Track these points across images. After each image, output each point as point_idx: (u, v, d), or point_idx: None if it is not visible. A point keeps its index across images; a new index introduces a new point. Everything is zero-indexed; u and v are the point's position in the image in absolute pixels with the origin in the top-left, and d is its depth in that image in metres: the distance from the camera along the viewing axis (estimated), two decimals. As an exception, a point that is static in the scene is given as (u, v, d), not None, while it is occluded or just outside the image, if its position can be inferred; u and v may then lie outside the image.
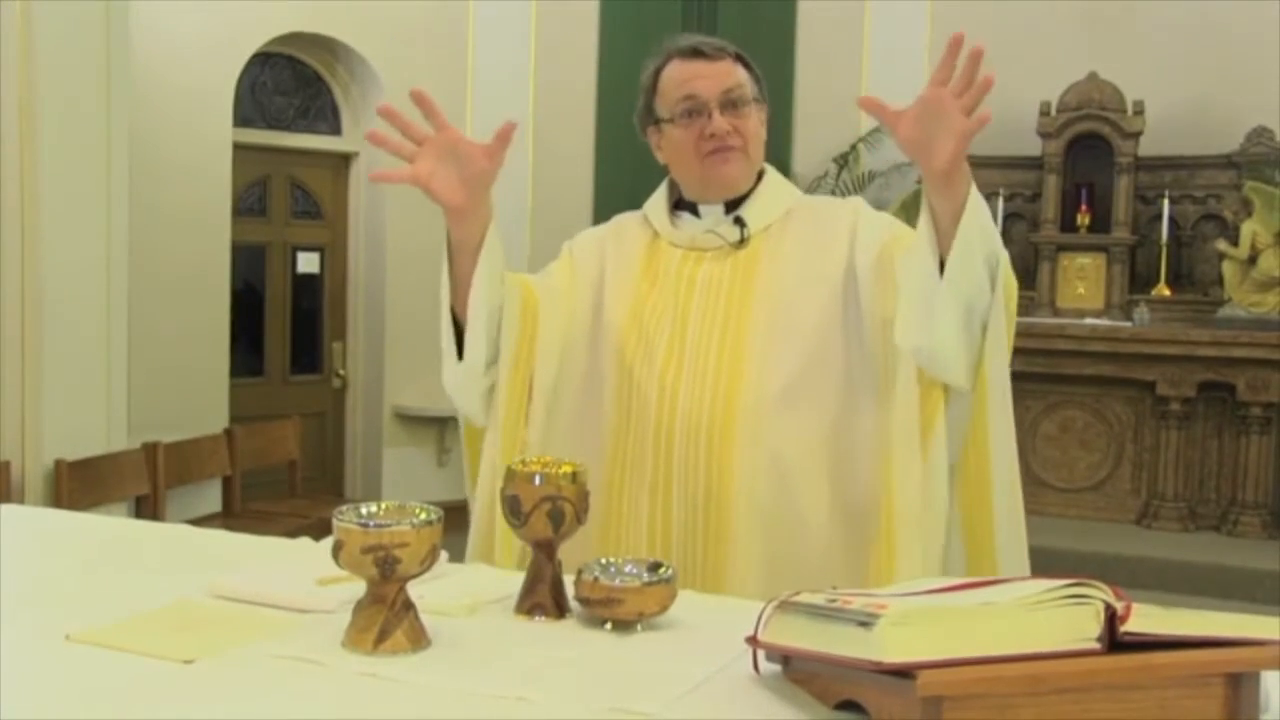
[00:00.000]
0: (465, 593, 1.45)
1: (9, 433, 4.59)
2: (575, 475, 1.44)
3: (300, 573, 1.48)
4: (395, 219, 6.88)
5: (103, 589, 1.50)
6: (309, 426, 6.69)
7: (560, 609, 1.41)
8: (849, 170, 7.09)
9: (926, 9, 7.02)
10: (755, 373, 1.83)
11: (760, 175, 1.98)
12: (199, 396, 6.18)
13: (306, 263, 7.04)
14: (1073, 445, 6.53)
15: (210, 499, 5.91)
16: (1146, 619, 1.02)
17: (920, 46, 6.92)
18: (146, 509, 5.29)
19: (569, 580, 1.42)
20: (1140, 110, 6.52)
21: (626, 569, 1.40)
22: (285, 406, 6.66)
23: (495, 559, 1.81)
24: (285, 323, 6.96)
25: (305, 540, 1.77)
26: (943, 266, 1.65)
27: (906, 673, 0.96)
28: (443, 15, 6.95)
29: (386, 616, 1.24)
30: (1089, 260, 6.71)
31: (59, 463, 4.70)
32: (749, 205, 1.94)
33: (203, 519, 5.42)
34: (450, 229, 1.79)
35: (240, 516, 5.64)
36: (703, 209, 1.97)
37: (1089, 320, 6.50)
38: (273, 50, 6.64)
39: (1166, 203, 6.56)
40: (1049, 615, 1.01)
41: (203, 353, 6.25)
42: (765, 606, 1.20)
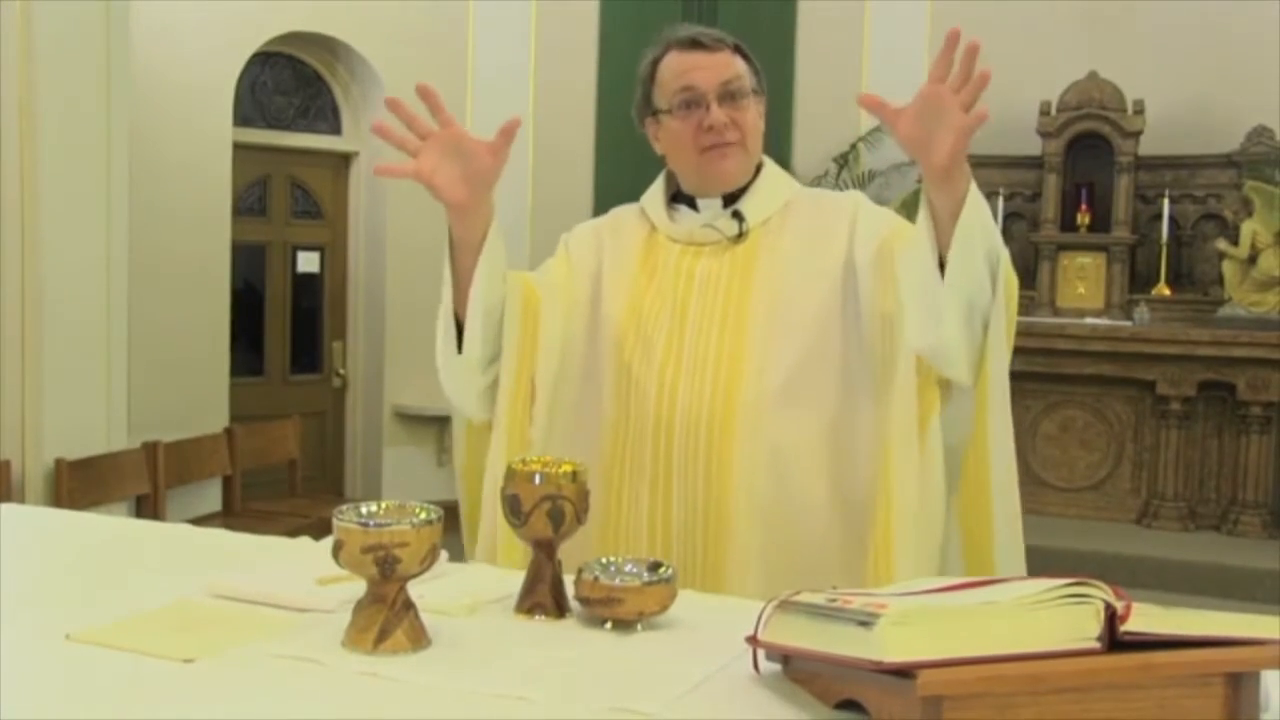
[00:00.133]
0: (465, 592, 1.45)
1: (9, 432, 4.59)
2: (575, 474, 1.44)
3: (300, 572, 1.48)
4: (395, 218, 6.88)
5: (103, 588, 1.50)
6: (309, 426, 6.70)
7: (560, 608, 1.41)
8: (849, 169, 7.09)
9: (926, 9, 7.02)
10: (754, 368, 1.83)
11: (759, 168, 1.96)
12: (199, 396, 6.18)
13: (306, 262, 7.05)
14: (1073, 445, 6.53)
15: (210, 498, 5.91)
16: (1146, 618, 1.02)
17: (920, 46, 6.92)
18: (147, 508, 5.29)
19: (569, 580, 1.41)
20: (1140, 110, 6.52)
21: (627, 568, 1.40)
22: (285, 406, 6.66)
23: (499, 560, 1.80)
24: (285, 322, 6.97)
25: (305, 540, 1.77)
26: (943, 264, 1.64)
27: (907, 672, 0.96)
28: (443, 15, 6.95)
29: (386, 616, 1.24)
30: (1089, 260, 6.72)
31: (59, 462, 4.70)
32: (747, 199, 1.93)
33: (203, 518, 5.43)
34: (452, 226, 1.78)
35: (240, 516, 5.64)
36: (700, 202, 1.95)
37: (1089, 320, 6.50)
38: (273, 50, 6.64)
39: (1167, 202, 6.56)
40: (1049, 615, 1.01)
41: (203, 352, 6.25)
42: (765, 606, 1.20)
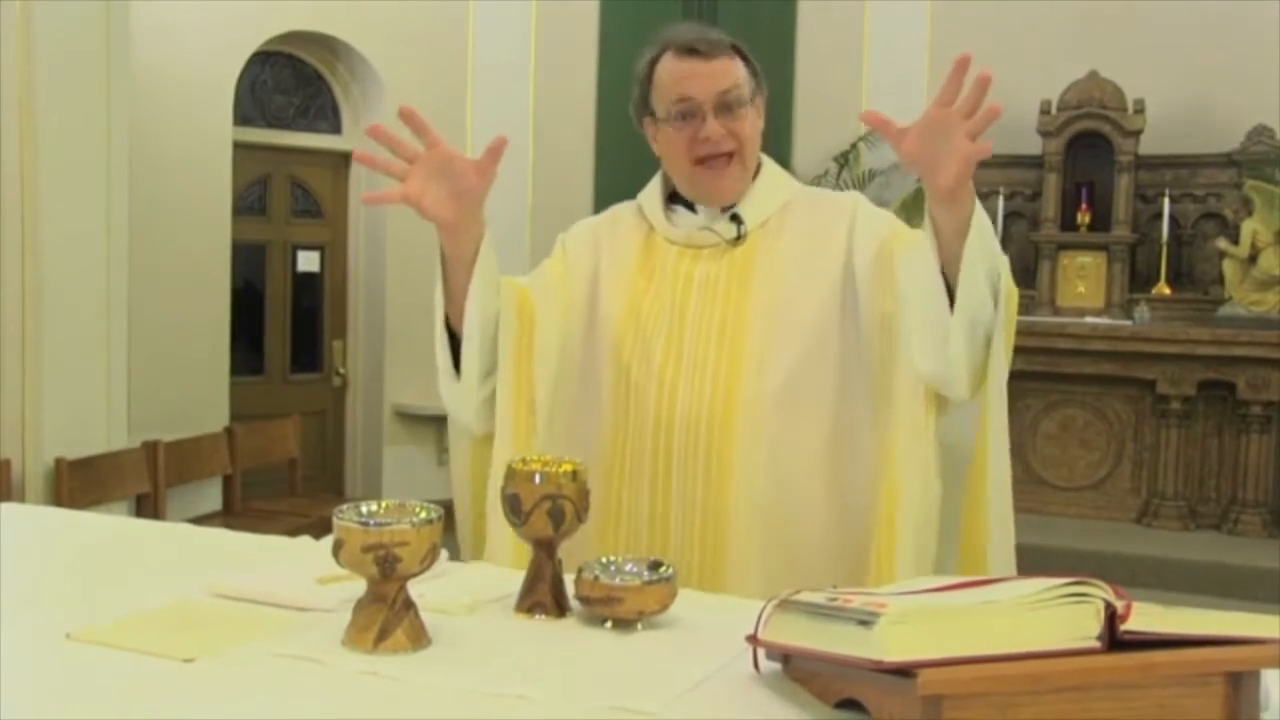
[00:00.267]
0: (465, 591, 1.45)
1: (9, 431, 4.58)
2: (575, 473, 1.44)
3: (300, 571, 1.48)
4: (395, 218, 6.88)
5: (103, 588, 1.50)
6: (309, 425, 6.70)
7: (560, 608, 1.41)
8: (849, 169, 7.08)
9: (926, 9, 7.01)
10: (754, 370, 1.83)
11: (758, 167, 1.95)
12: (199, 395, 6.18)
13: (306, 261, 7.05)
14: (1073, 444, 6.53)
15: (210, 497, 5.91)
16: (1147, 618, 1.02)
17: (920, 46, 6.91)
18: (147, 507, 5.29)
19: (569, 579, 1.42)
20: (1141, 109, 6.52)
21: (627, 568, 1.40)
22: (285, 405, 6.66)
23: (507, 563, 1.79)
24: (285, 321, 6.97)
25: (306, 539, 1.77)
26: (944, 280, 1.64)
27: (907, 671, 0.96)
28: (443, 15, 6.94)
29: (387, 615, 1.24)
30: (1089, 259, 6.72)
31: (59, 461, 4.69)
32: (745, 202, 1.93)
33: (203, 518, 5.43)
34: (443, 243, 1.77)
35: (240, 515, 5.64)
36: (699, 205, 1.95)
37: (1089, 319, 6.50)
38: (273, 49, 6.64)
39: (1167, 201, 6.56)
40: (1049, 614, 1.01)
41: (203, 351, 6.25)
42: (765, 605, 1.20)
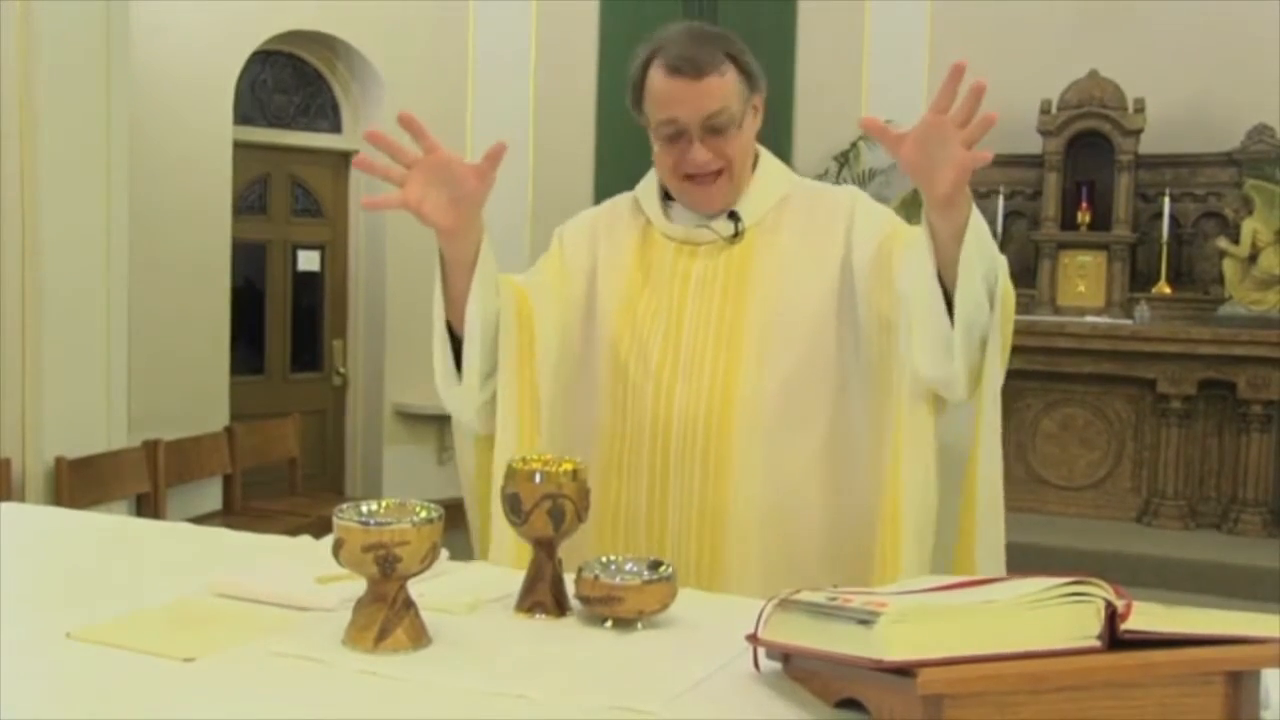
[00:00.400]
0: (466, 591, 1.45)
1: (9, 430, 4.59)
2: (576, 473, 1.43)
3: (301, 571, 1.48)
4: (396, 218, 6.86)
5: (103, 587, 1.50)
6: (309, 424, 6.70)
7: (561, 607, 1.41)
8: (849, 168, 7.08)
9: (926, 9, 7.01)
10: (751, 369, 1.83)
11: (755, 159, 1.94)
12: (199, 394, 6.18)
13: (307, 261, 7.05)
14: (1073, 443, 6.53)
15: (211, 497, 5.91)
16: (1147, 617, 1.02)
17: (920, 46, 6.91)
18: (147, 507, 5.29)
19: (569, 578, 1.42)
20: (1141, 108, 6.52)
21: (627, 567, 1.40)
22: (286, 404, 6.66)
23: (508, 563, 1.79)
24: (286, 321, 6.97)
25: (306, 538, 1.77)
26: (941, 283, 1.64)
27: (907, 671, 0.96)
28: (443, 14, 6.94)
29: (387, 614, 1.24)
30: (1089, 258, 6.72)
31: (59, 460, 4.70)
32: (743, 200, 1.92)
33: (203, 517, 5.43)
34: (442, 247, 1.77)
35: (241, 514, 5.64)
36: None
37: (1089, 318, 6.50)
38: (273, 48, 6.64)
39: (1167, 200, 6.56)
40: (1049, 613, 1.01)
41: (203, 350, 6.25)
42: (765, 604, 1.20)
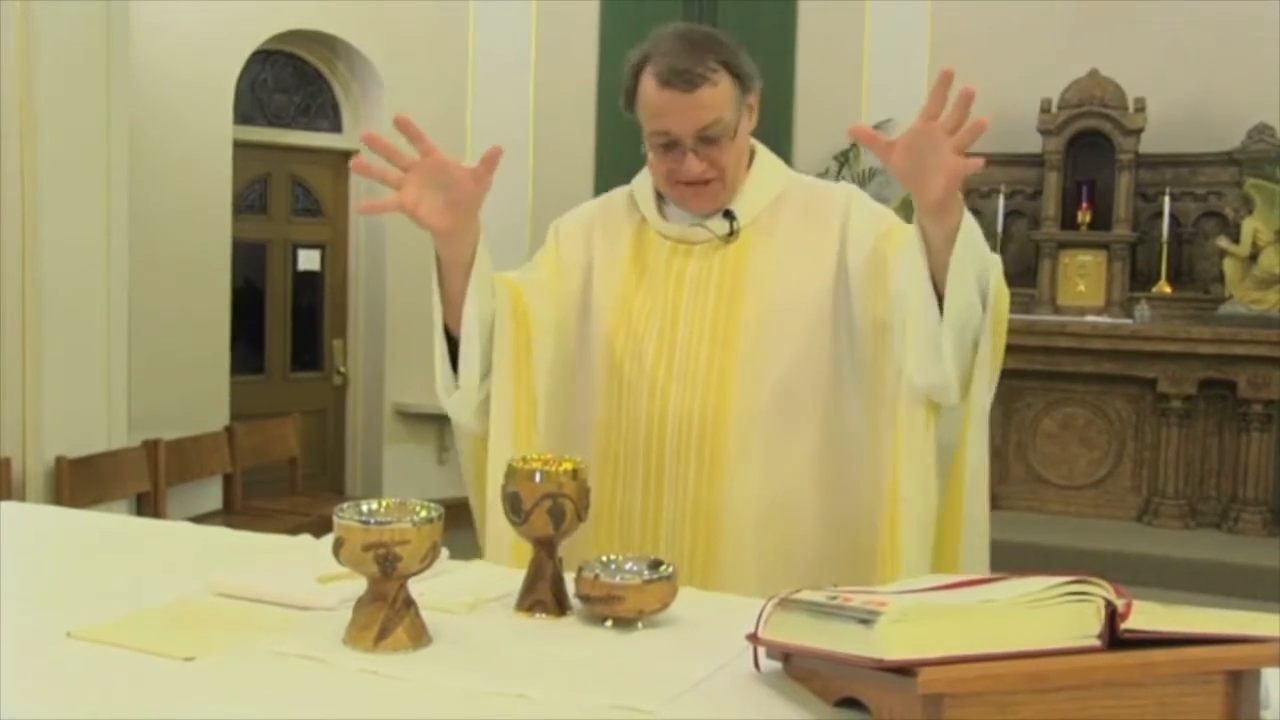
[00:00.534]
0: (466, 590, 1.45)
1: (10, 430, 4.59)
2: (576, 472, 1.43)
3: (301, 570, 1.48)
4: (395, 217, 6.82)
5: (103, 586, 1.50)
6: (309, 424, 6.70)
7: (561, 606, 1.41)
8: (849, 168, 7.08)
9: (926, 9, 7.00)
10: (747, 368, 1.83)
11: (751, 156, 1.94)
12: (200, 394, 6.18)
13: (307, 260, 7.05)
14: (1073, 442, 6.53)
15: (211, 496, 5.91)
16: (1147, 616, 1.02)
17: (920, 46, 6.90)
18: (147, 506, 5.29)
19: (569, 577, 1.42)
20: (1141, 107, 6.52)
21: (627, 566, 1.40)
22: (286, 404, 6.66)
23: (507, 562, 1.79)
24: (286, 320, 6.97)
25: (306, 538, 1.77)
26: (935, 288, 1.64)
27: (907, 670, 0.96)
28: (443, 14, 6.94)
29: (387, 614, 1.24)
30: (1090, 257, 6.71)
31: (60, 460, 4.70)
32: (738, 199, 1.92)
33: (203, 516, 5.44)
34: (439, 249, 1.78)
35: (241, 514, 5.64)
36: None
37: (1090, 317, 6.50)
38: (273, 47, 6.64)
39: (1167, 200, 6.56)
40: (1050, 612, 1.01)
41: (203, 350, 6.25)
42: (766, 604, 1.20)
